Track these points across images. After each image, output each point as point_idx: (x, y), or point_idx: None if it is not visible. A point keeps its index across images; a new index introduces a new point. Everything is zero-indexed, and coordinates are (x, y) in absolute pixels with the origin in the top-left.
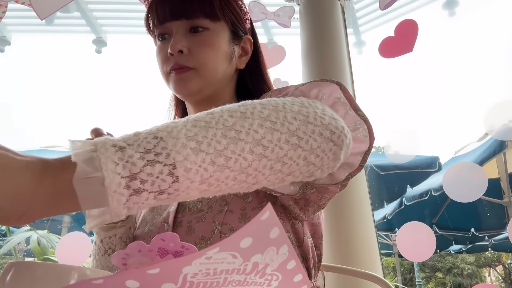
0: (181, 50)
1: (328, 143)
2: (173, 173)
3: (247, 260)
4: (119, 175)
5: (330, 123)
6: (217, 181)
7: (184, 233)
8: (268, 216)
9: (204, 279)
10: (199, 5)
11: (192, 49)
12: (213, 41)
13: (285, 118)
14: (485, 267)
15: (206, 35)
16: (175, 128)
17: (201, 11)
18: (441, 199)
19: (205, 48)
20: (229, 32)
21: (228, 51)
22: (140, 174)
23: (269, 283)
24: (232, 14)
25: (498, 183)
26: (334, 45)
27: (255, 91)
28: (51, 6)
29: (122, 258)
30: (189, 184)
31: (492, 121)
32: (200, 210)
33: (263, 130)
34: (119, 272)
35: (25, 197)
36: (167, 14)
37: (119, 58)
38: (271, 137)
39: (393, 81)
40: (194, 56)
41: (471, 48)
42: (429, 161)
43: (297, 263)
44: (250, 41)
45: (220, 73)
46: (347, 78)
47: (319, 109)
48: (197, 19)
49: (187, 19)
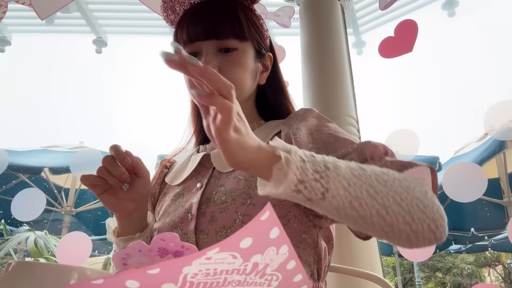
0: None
1: (430, 234)
2: (324, 194)
3: (247, 260)
4: (295, 177)
5: (437, 219)
6: (342, 212)
7: (207, 222)
8: (268, 217)
9: (204, 279)
10: (229, 26)
11: (222, 68)
12: (242, 61)
13: (411, 201)
14: (484, 267)
15: (236, 55)
16: (339, 167)
17: (231, 32)
18: (441, 199)
19: (235, 67)
20: (254, 51)
21: (253, 69)
22: (306, 183)
23: (269, 283)
24: (257, 33)
25: (498, 183)
26: (334, 45)
27: (276, 104)
28: (51, 6)
29: (122, 258)
30: (327, 204)
31: (492, 121)
32: (224, 202)
33: (391, 201)
34: (119, 272)
35: (253, 159)
36: (199, 33)
37: (119, 58)
38: (395, 207)
39: (393, 81)
40: (224, 75)
41: (470, 48)
42: (429, 161)
43: (297, 263)
44: (270, 57)
45: (246, 90)
46: (347, 78)
47: (435, 204)
48: (227, 40)
49: (217, 39)
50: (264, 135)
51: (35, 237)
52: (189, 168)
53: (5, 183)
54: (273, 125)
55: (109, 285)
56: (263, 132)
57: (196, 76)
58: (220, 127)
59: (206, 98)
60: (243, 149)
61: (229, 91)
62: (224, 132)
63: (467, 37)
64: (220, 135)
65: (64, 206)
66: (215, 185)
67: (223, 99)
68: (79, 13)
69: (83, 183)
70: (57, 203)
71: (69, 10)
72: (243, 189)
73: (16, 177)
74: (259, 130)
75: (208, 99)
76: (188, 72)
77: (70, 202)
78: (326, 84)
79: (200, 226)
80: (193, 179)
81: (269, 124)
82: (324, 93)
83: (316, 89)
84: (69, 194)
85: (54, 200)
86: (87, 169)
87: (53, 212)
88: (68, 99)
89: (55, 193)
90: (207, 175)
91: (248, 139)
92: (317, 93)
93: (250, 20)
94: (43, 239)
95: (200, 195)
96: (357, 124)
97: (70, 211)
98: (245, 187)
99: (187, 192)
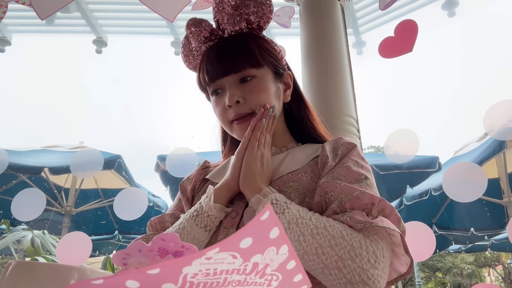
0: (238, 101)
1: (358, 284)
2: (284, 211)
3: (247, 260)
4: (271, 204)
5: (370, 271)
6: (290, 236)
7: (247, 220)
8: (268, 216)
9: (204, 279)
10: (244, 58)
11: (246, 97)
12: (262, 86)
13: (345, 247)
14: (484, 267)
15: (255, 82)
16: (298, 215)
17: (247, 62)
18: (440, 199)
19: (257, 93)
20: (272, 74)
21: (275, 90)
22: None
23: (269, 283)
24: (271, 57)
25: (498, 183)
26: (334, 45)
27: (301, 118)
28: (52, 6)
29: (122, 258)
30: (283, 218)
31: (491, 121)
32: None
33: (327, 244)
34: (119, 272)
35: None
36: (218, 72)
37: (119, 58)
38: (329, 250)
39: (393, 81)
40: (249, 102)
41: (470, 48)
42: (429, 161)
43: (297, 263)
44: (290, 75)
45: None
46: (347, 78)
47: (373, 256)
48: (244, 71)
49: (235, 73)
50: (307, 154)
51: (32, 236)
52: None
53: (5, 183)
54: (315, 146)
55: (109, 285)
56: (305, 150)
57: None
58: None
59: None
60: (253, 179)
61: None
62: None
63: (467, 37)
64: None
65: (64, 206)
66: None
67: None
68: (79, 13)
69: None
70: (57, 203)
71: (69, 10)
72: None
73: (16, 177)
74: (300, 149)
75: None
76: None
77: (70, 202)
78: (326, 84)
79: (241, 224)
80: None
81: (309, 146)
82: (324, 93)
83: (316, 89)
84: (69, 194)
85: (54, 200)
86: (87, 169)
87: (53, 212)
88: (68, 99)
89: (55, 193)
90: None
91: (262, 176)
92: (317, 93)
93: (261, 47)
94: (40, 238)
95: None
96: (357, 124)
97: (70, 211)
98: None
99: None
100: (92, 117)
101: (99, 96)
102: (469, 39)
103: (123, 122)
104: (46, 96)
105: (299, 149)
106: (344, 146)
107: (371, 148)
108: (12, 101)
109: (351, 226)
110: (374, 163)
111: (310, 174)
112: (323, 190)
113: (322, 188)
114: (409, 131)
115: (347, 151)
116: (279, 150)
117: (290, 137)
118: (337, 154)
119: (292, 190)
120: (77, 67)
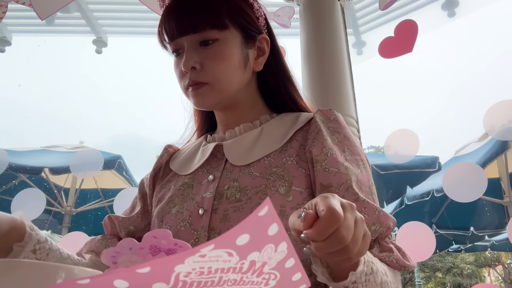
0: (194, 67)
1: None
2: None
3: (243, 258)
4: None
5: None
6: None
7: (218, 220)
8: (266, 212)
9: (198, 278)
10: (204, 17)
11: (204, 63)
12: (224, 53)
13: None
14: (484, 267)
15: (217, 47)
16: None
17: (207, 22)
18: (441, 199)
19: (217, 61)
20: (241, 37)
21: (241, 58)
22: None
23: (267, 282)
24: (241, 17)
25: (499, 182)
26: (334, 46)
27: (279, 90)
28: (52, 6)
29: (112, 256)
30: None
31: (491, 121)
32: (239, 200)
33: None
34: (107, 272)
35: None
36: (175, 30)
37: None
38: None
39: (393, 81)
40: (207, 71)
41: (470, 48)
42: (429, 161)
43: (296, 261)
44: (266, 39)
45: (235, 83)
46: (347, 78)
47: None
48: (204, 32)
49: (194, 33)
50: (285, 127)
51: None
52: (199, 158)
53: (5, 183)
54: (292, 117)
55: (96, 285)
56: (282, 123)
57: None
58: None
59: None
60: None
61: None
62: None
63: (467, 37)
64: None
65: (64, 206)
66: (227, 179)
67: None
68: (79, 13)
69: None
70: (57, 203)
71: (69, 10)
72: (259, 187)
73: (16, 177)
74: (275, 121)
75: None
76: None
77: (70, 202)
78: (326, 84)
79: (211, 224)
80: (204, 171)
81: (286, 117)
82: (324, 93)
83: (316, 89)
84: (69, 194)
85: (54, 200)
86: (87, 169)
87: (53, 212)
88: (68, 99)
89: (55, 193)
90: (220, 167)
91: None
92: (317, 93)
93: (229, 4)
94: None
95: (214, 189)
96: (357, 124)
97: (70, 211)
98: (261, 185)
99: (197, 183)
100: (92, 117)
101: (99, 96)
102: (469, 39)
103: (122, 121)
104: (46, 96)
105: (274, 121)
106: (334, 129)
107: (371, 148)
108: (11, 101)
109: (389, 265)
110: (374, 163)
111: (295, 158)
112: (326, 186)
113: (326, 182)
114: (409, 131)
115: (343, 139)
116: (252, 125)
117: (264, 107)
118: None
119: (277, 178)
120: (77, 67)
